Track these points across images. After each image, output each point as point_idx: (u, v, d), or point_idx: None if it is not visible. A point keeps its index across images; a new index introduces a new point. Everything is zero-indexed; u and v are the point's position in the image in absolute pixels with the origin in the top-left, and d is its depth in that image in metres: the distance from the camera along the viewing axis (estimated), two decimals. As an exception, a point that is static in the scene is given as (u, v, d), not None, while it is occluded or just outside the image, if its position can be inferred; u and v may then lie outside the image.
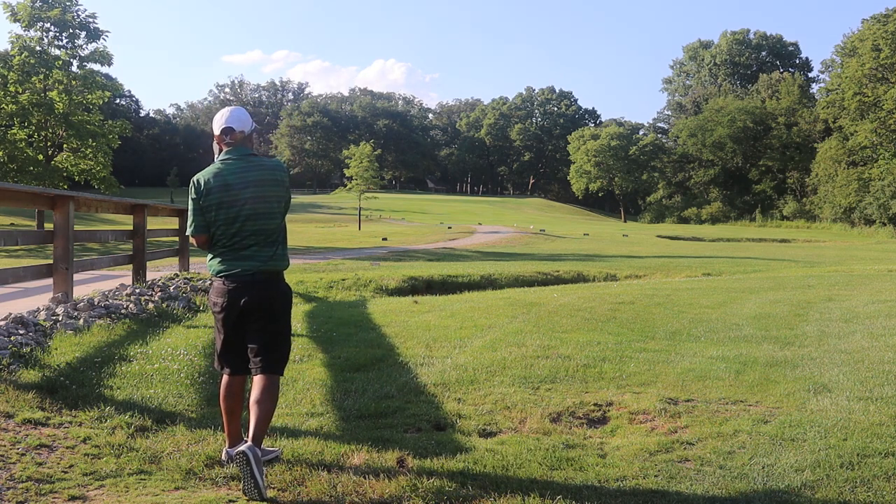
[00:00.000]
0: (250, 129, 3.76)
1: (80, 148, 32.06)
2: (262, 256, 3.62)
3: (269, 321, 3.63)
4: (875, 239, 49.28)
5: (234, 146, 3.70)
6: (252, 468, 3.24)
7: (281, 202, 3.69)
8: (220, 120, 3.73)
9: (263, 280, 3.62)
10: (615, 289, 12.13)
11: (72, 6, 31.86)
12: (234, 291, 3.60)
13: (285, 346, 3.73)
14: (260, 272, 3.61)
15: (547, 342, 6.55)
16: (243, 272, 3.59)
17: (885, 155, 59.52)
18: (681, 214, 79.99)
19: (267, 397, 3.55)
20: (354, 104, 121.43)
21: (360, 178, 43.57)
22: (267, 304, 3.62)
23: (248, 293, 3.59)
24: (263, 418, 3.49)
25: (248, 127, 3.74)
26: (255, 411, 3.50)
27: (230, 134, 3.70)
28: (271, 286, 3.64)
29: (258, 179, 3.64)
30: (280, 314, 3.68)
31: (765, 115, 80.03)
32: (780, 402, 4.61)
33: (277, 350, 3.66)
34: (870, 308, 8.84)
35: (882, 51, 58.89)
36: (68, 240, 7.85)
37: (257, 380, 3.60)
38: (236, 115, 3.74)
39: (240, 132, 3.70)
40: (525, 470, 3.54)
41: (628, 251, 28.16)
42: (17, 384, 4.81)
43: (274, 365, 3.64)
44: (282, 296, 3.69)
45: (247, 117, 3.77)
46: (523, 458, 3.69)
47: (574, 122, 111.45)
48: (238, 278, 3.60)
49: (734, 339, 6.88)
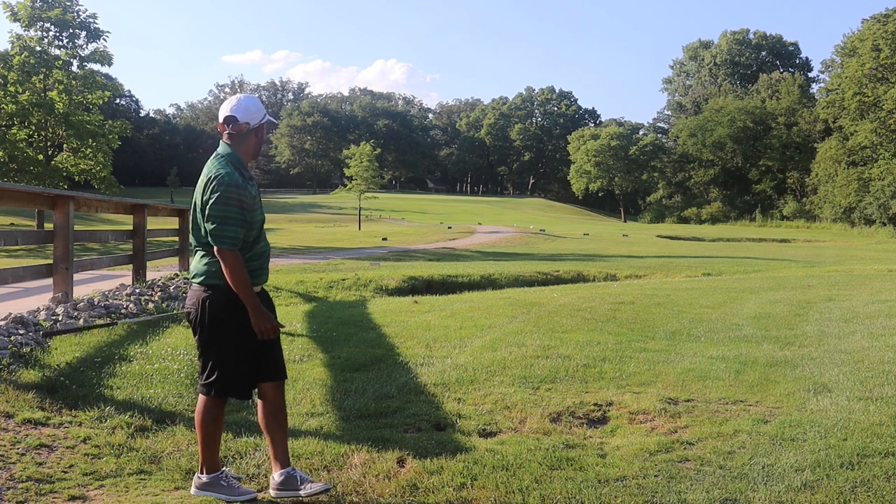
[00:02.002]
0: (258, 121, 3.37)
1: (80, 148, 32.05)
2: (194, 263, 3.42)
3: (194, 333, 3.39)
4: (875, 239, 49.26)
5: (234, 138, 3.36)
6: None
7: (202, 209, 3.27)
8: (225, 107, 3.38)
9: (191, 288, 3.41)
10: (615, 289, 12.13)
11: (72, 6, 31.86)
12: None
13: (206, 362, 3.33)
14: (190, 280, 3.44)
15: (547, 342, 6.55)
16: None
17: (885, 155, 59.53)
18: (681, 214, 79.98)
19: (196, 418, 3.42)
20: (354, 104, 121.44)
21: (360, 178, 43.57)
22: (192, 315, 3.35)
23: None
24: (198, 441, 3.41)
25: (254, 119, 3.35)
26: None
27: (232, 124, 3.33)
28: (192, 296, 3.37)
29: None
30: (199, 326, 3.31)
31: (765, 115, 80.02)
32: (780, 402, 4.61)
33: (203, 366, 3.37)
34: (870, 308, 8.84)
35: (882, 51, 58.90)
36: (68, 240, 7.85)
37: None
38: (243, 105, 3.36)
39: (244, 123, 3.34)
40: (525, 470, 3.54)
41: (628, 251, 28.16)
42: (17, 384, 4.81)
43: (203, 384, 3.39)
44: (201, 308, 3.29)
45: (256, 108, 3.37)
46: (523, 458, 3.69)
47: (574, 122, 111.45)
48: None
49: (734, 339, 6.88)
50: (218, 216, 3.17)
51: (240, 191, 3.22)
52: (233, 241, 3.20)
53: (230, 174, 3.23)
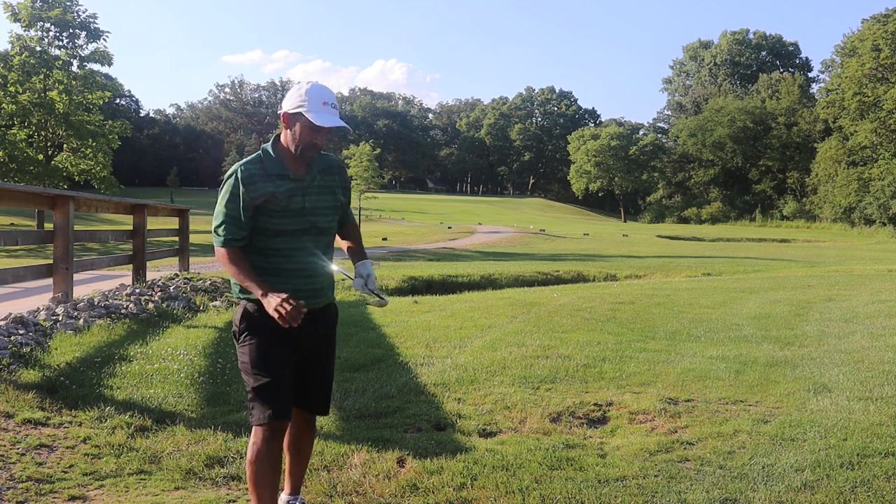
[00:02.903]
0: (290, 109, 2.84)
1: (80, 148, 32.09)
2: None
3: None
4: (875, 239, 49.28)
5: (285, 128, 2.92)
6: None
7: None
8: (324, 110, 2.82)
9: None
10: (615, 289, 12.13)
11: (72, 6, 31.89)
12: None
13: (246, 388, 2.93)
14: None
15: (547, 342, 6.55)
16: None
17: (885, 155, 59.57)
18: (681, 214, 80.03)
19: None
20: (354, 104, 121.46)
21: (359, 178, 43.59)
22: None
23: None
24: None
25: (287, 106, 2.87)
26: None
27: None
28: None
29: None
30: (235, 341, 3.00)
31: (765, 115, 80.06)
32: (780, 402, 4.61)
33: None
34: (870, 308, 8.84)
35: (882, 51, 58.93)
36: (68, 240, 7.84)
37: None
38: (288, 93, 2.91)
39: (283, 113, 2.90)
40: (525, 470, 3.54)
41: (628, 251, 28.16)
42: (17, 384, 4.80)
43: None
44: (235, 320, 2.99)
45: (292, 95, 2.87)
46: (523, 458, 3.69)
47: (574, 122, 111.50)
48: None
49: (734, 339, 6.88)
50: (215, 210, 2.88)
51: (246, 187, 2.80)
52: (224, 240, 2.84)
53: (243, 167, 2.83)
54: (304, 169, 2.88)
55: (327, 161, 2.99)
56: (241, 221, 2.81)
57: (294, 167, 2.87)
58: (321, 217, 2.91)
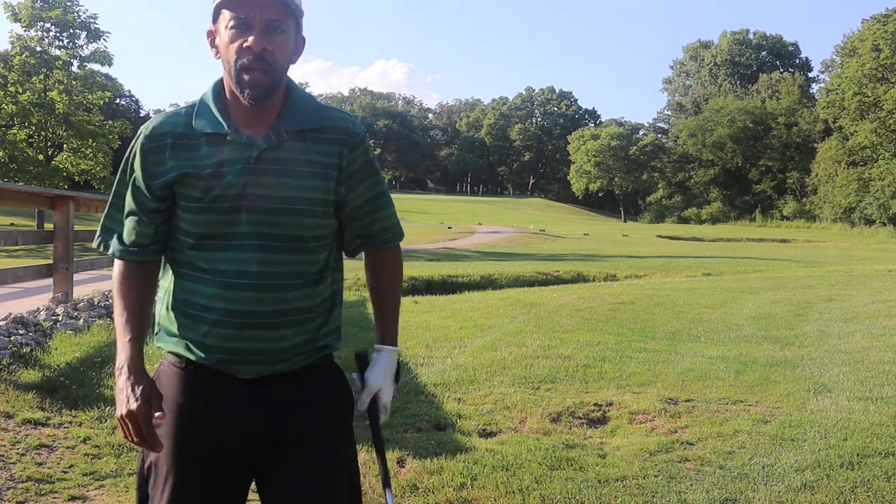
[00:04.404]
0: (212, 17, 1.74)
1: (80, 148, 32.07)
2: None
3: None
4: (875, 239, 49.28)
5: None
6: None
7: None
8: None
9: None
10: (615, 289, 12.13)
11: (73, 6, 31.86)
12: None
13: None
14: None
15: (547, 342, 6.55)
16: None
17: (885, 155, 59.55)
18: (681, 214, 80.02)
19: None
20: (354, 104, 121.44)
21: (360, 178, 43.49)
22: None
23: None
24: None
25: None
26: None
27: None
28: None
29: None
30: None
31: (765, 115, 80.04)
32: (780, 402, 4.61)
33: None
34: (870, 308, 8.83)
35: (882, 51, 58.93)
36: (68, 240, 7.85)
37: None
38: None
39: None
40: (525, 470, 3.54)
41: (628, 251, 28.16)
42: (17, 384, 4.80)
43: None
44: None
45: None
46: (523, 458, 3.69)
47: (574, 122, 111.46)
48: None
49: (734, 339, 6.88)
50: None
51: (146, 157, 1.62)
52: (115, 249, 1.69)
53: (155, 125, 1.65)
54: (261, 126, 1.61)
55: (319, 117, 1.67)
56: (140, 217, 1.65)
57: (242, 121, 1.61)
58: (281, 215, 1.60)
